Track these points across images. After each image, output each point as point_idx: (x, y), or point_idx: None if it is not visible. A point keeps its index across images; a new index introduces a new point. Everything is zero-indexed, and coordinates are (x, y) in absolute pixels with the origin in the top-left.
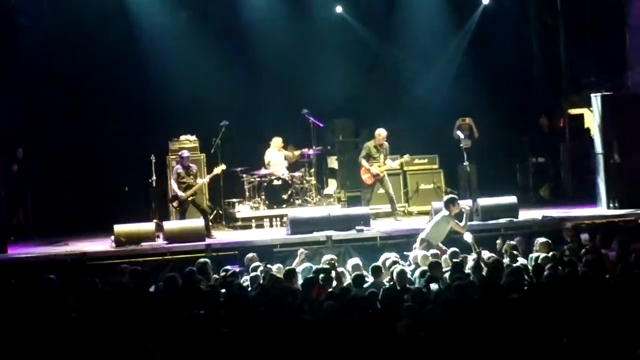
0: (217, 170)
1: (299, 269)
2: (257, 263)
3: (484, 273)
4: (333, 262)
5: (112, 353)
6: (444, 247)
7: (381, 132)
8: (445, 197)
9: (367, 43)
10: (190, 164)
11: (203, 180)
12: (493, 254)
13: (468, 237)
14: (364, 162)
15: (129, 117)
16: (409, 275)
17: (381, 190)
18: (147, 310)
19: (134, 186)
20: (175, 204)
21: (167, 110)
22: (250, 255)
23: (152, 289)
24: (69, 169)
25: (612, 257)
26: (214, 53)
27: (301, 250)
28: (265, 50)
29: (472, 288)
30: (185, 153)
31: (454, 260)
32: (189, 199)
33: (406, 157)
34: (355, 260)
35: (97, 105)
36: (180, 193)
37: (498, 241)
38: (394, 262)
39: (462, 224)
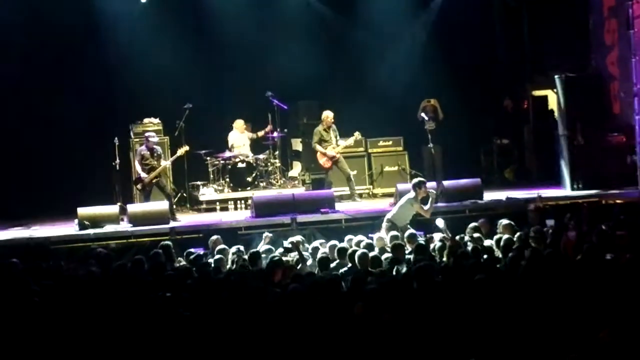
0: (181, 151)
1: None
2: (222, 246)
3: (444, 255)
4: (297, 243)
5: (76, 337)
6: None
7: (328, 115)
8: (414, 180)
9: (331, 25)
10: (155, 146)
11: (166, 163)
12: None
13: (440, 223)
14: (318, 147)
15: (92, 100)
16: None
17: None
18: (112, 293)
19: (98, 169)
20: (139, 186)
21: (130, 93)
22: (214, 237)
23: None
24: (32, 153)
25: (571, 237)
26: (178, 35)
27: (266, 233)
28: (229, 32)
29: (434, 270)
30: (151, 135)
31: (419, 242)
32: (153, 181)
33: (357, 135)
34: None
35: (59, 88)
36: (143, 175)
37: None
38: (368, 246)
39: (426, 207)
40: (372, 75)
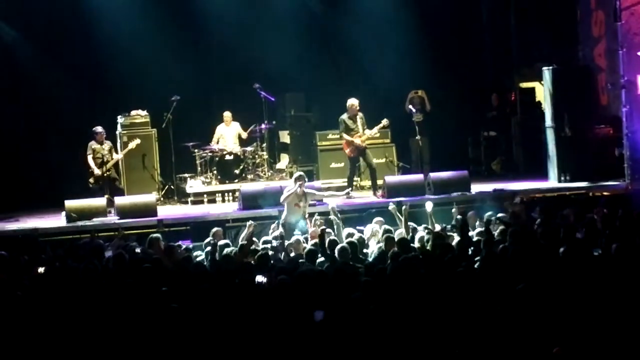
0: (132, 145)
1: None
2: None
3: (428, 247)
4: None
5: (64, 330)
6: (318, 228)
7: (354, 102)
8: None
9: (318, 17)
10: (105, 140)
11: (118, 156)
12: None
13: (429, 206)
14: (345, 136)
15: (79, 92)
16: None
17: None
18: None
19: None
20: (91, 180)
21: (117, 84)
22: (215, 229)
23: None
24: (19, 145)
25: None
26: (165, 26)
27: (250, 222)
28: (217, 24)
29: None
30: (99, 129)
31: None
32: (105, 174)
33: (385, 122)
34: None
35: (47, 80)
36: (97, 171)
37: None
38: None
39: (326, 193)
40: (359, 67)
